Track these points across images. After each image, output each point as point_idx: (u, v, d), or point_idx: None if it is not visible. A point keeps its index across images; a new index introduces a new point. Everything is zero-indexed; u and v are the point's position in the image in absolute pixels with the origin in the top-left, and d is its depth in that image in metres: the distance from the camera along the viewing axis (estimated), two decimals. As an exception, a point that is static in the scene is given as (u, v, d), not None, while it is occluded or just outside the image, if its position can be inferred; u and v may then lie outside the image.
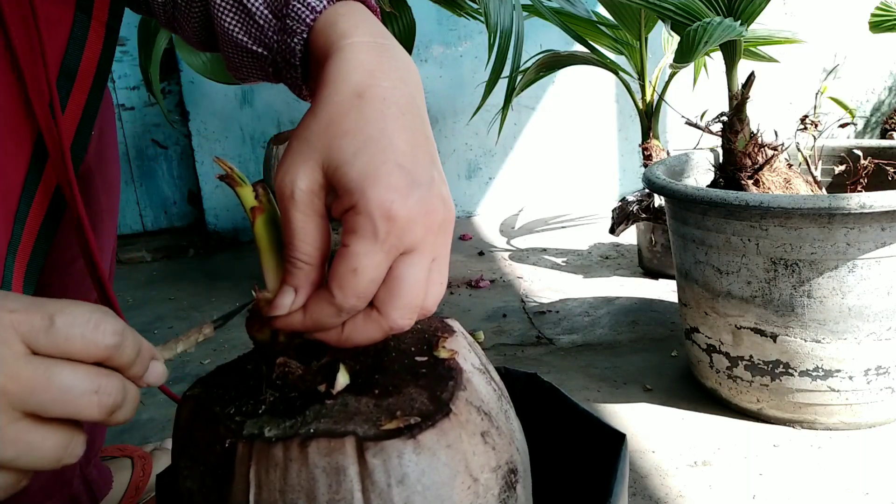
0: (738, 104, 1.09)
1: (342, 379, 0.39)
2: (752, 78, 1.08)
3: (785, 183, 1.07)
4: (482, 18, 1.38)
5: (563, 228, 2.22)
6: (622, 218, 1.60)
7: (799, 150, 1.18)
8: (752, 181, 1.07)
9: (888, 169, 1.09)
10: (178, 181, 2.42)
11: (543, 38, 2.25)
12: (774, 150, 1.10)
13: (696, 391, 1.12)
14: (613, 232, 1.64)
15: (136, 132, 2.35)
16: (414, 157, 0.39)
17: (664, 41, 1.68)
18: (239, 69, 0.54)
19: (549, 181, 2.46)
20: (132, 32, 1.96)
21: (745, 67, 1.13)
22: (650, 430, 1.02)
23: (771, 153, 1.09)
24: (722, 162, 1.14)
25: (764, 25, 1.49)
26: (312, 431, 0.35)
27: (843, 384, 0.95)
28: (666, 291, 1.58)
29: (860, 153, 1.14)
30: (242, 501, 0.35)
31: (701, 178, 1.23)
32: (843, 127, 1.34)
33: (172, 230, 2.44)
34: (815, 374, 0.95)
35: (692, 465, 0.93)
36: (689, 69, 1.63)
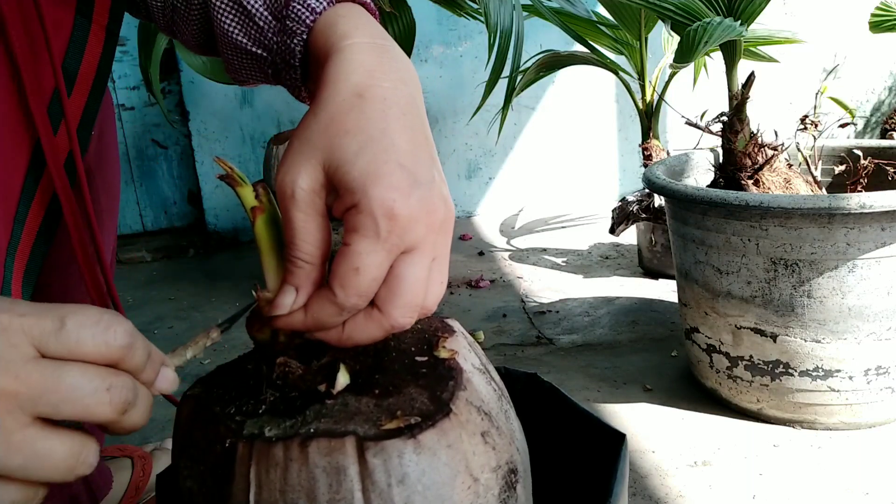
0: (738, 104, 1.09)
1: (342, 379, 0.39)
2: (752, 78, 1.08)
3: (785, 183, 1.07)
4: (482, 18, 1.38)
5: (563, 228, 2.22)
6: (622, 218, 1.60)
7: (799, 150, 1.18)
8: (752, 181, 1.07)
9: (888, 169, 1.09)
10: (178, 181, 2.42)
11: (543, 38, 2.25)
12: (774, 150, 1.10)
13: (696, 391, 1.12)
14: (613, 232, 1.64)
15: (136, 132, 2.35)
16: (415, 156, 0.40)
17: (664, 41, 1.68)
18: (238, 71, 0.54)
19: (549, 181, 2.46)
20: (132, 32, 1.96)
21: (745, 67, 1.13)
22: (650, 430, 1.02)
23: (771, 153, 1.09)
24: (722, 162, 1.14)
25: (764, 25, 1.49)
26: (313, 431, 0.35)
27: (843, 384, 0.95)
28: (666, 291, 1.58)
29: (860, 153, 1.14)
30: (243, 501, 0.35)
31: (701, 178, 1.23)
32: (843, 127, 1.34)
33: (172, 230, 2.44)
34: (815, 374, 0.95)
35: (692, 465, 0.93)
36: (689, 69, 1.63)
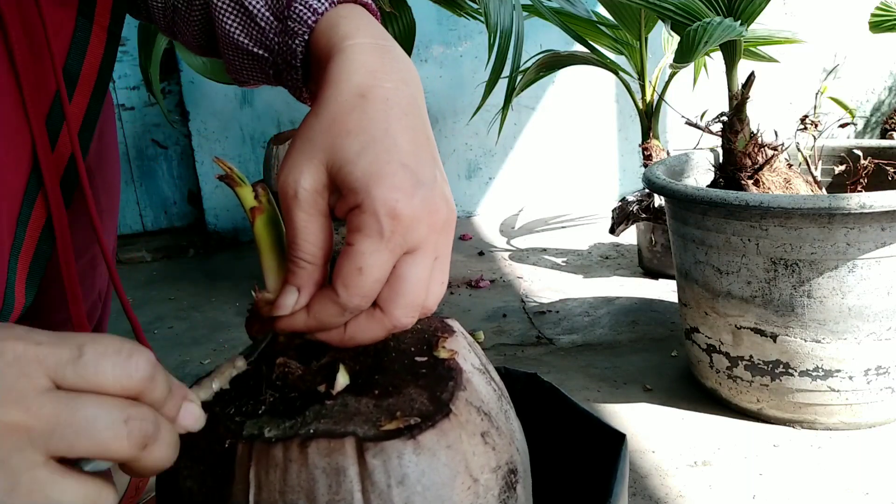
0: (738, 104, 1.09)
1: (342, 379, 0.39)
2: (752, 78, 1.08)
3: (785, 183, 1.07)
4: (482, 18, 1.38)
5: (563, 228, 2.22)
6: (622, 218, 1.60)
7: (799, 150, 1.18)
8: (752, 181, 1.07)
9: (888, 169, 1.09)
10: (178, 181, 2.42)
11: (543, 38, 2.25)
12: (774, 150, 1.10)
13: (696, 391, 1.12)
14: (613, 232, 1.64)
15: (136, 132, 2.35)
16: (417, 156, 0.39)
17: (664, 41, 1.68)
18: (239, 71, 0.54)
19: (549, 181, 2.46)
20: (132, 33, 1.96)
21: (745, 67, 1.13)
22: (650, 430, 1.02)
23: (771, 153, 1.09)
24: (722, 162, 1.14)
25: (764, 25, 1.49)
26: (312, 432, 0.35)
27: (843, 384, 0.95)
28: (666, 291, 1.57)
29: (860, 153, 1.14)
30: (242, 502, 0.35)
31: (701, 178, 1.23)
32: (843, 127, 1.34)
33: (172, 230, 2.44)
34: (815, 374, 0.95)
35: (692, 465, 0.93)
36: (689, 69, 1.63)
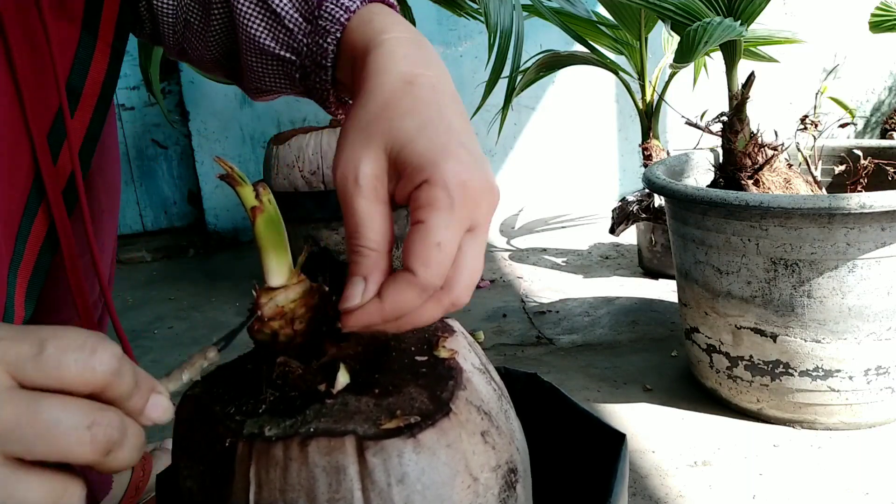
0: (738, 104, 1.09)
1: (342, 378, 0.39)
2: (752, 78, 1.08)
3: (785, 183, 1.07)
4: (482, 18, 1.38)
5: (563, 228, 2.22)
6: (622, 218, 1.60)
7: (799, 150, 1.18)
8: (752, 181, 1.07)
9: (888, 169, 1.09)
10: (178, 181, 2.42)
11: (543, 38, 2.25)
12: (774, 150, 1.10)
13: (696, 391, 1.12)
14: (613, 232, 1.64)
15: (136, 132, 2.35)
16: (471, 139, 0.40)
17: (664, 41, 1.68)
18: (262, 79, 0.54)
19: (549, 181, 2.45)
20: (132, 32, 1.96)
21: (745, 67, 1.13)
22: (650, 430, 1.02)
23: (771, 153, 1.09)
24: (722, 162, 1.14)
25: (764, 25, 1.49)
26: (312, 431, 0.35)
27: (843, 384, 0.95)
28: (666, 291, 1.57)
29: (860, 153, 1.14)
30: (242, 501, 0.35)
31: (701, 178, 1.23)
32: (843, 127, 1.34)
33: (172, 230, 2.44)
34: (815, 374, 0.95)
35: (692, 465, 0.93)
36: (689, 69, 1.63)
